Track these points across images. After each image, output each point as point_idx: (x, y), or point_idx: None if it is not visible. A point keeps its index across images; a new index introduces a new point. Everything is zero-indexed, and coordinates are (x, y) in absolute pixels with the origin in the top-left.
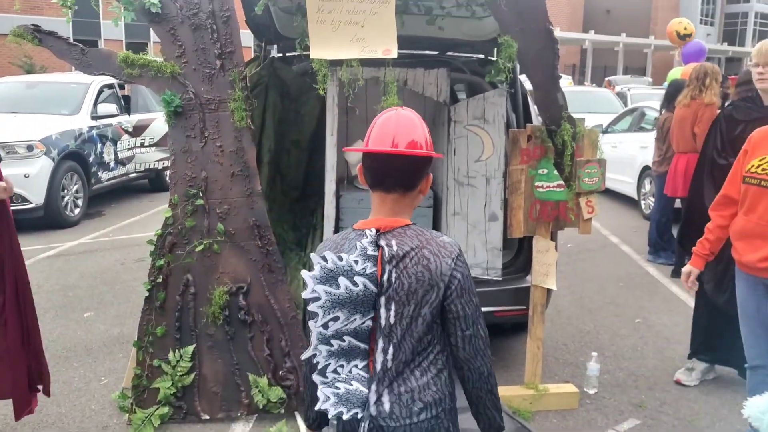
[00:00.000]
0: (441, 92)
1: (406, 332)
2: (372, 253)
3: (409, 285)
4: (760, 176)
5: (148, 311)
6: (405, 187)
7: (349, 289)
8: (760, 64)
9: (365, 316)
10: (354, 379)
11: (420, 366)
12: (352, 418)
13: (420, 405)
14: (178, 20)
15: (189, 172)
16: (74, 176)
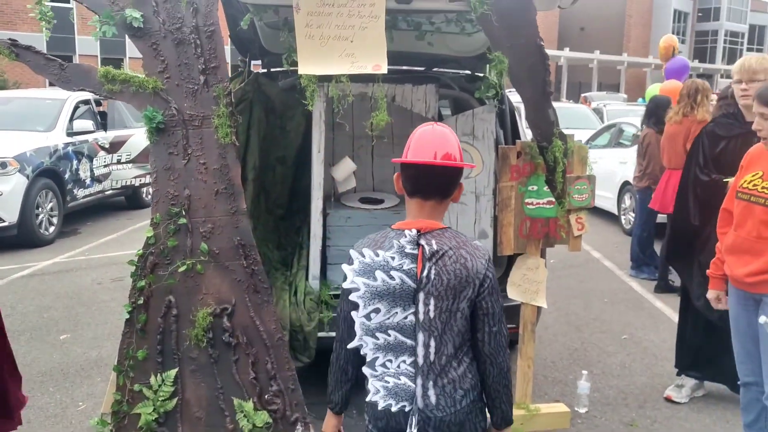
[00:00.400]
0: (429, 108)
1: (446, 326)
2: (410, 251)
3: (448, 281)
4: (750, 192)
5: (128, 334)
6: (442, 195)
7: (386, 282)
8: (743, 81)
9: (406, 311)
10: (402, 374)
11: (457, 357)
12: (399, 410)
13: (461, 393)
14: (161, 35)
15: (171, 190)
16: (49, 194)
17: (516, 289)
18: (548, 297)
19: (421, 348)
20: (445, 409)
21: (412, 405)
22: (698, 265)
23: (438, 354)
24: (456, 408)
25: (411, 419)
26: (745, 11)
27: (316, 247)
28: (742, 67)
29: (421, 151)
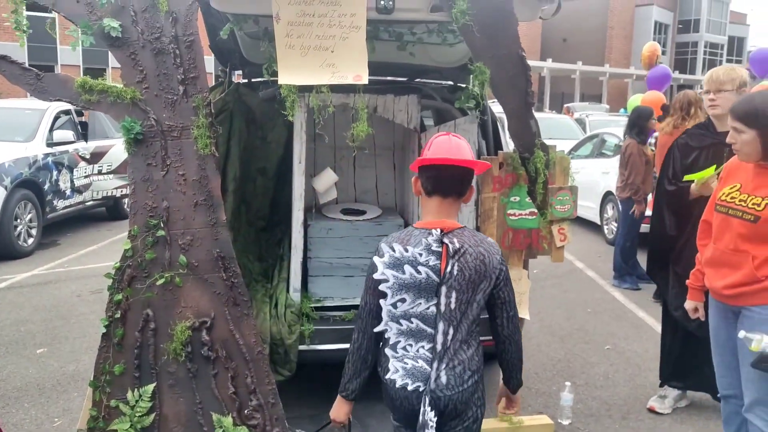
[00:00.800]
0: (411, 119)
1: (463, 315)
2: (436, 249)
3: (469, 275)
4: (728, 204)
5: (105, 348)
6: (458, 193)
7: (413, 276)
8: (711, 91)
9: (429, 302)
10: (420, 358)
11: (468, 342)
12: (414, 390)
13: (469, 373)
14: (140, 45)
15: (150, 202)
16: (28, 205)
17: None
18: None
19: (440, 336)
20: (453, 389)
21: (426, 386)
22: (674, 276)
23: (454, 340)
24: (463, 387)
25: (424, 398)
26: (724, 23)
27: (297, 259)
28: (710, 78)
29: (441, 154)
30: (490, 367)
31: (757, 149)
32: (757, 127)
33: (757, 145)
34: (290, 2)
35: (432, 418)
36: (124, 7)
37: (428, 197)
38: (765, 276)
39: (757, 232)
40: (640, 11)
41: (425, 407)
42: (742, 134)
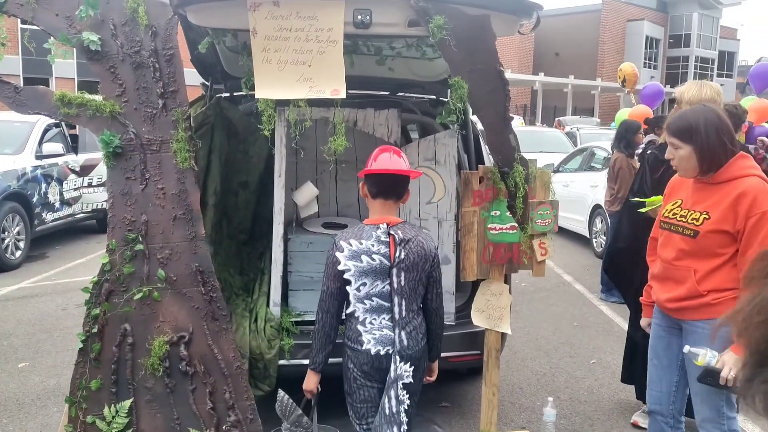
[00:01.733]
0: (392, 133)
1: (412, 291)
2: (384, 239)
3: (414, 259)
4: (670, 221)
5: (82, 364)
6: (398, 196)
7: (369, 263)
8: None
9: (384, 282)
10: (384, 328)
11: (416, 312)
12: (385, 353)
13: (421, 335)
14: (119, 58)
15: (128, 216)
16: (16, 217)
17: (480, 315)
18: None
19: (396, 308)
20: (412, 348)
21: (393, 347)
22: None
23: (407, 311)
24: (419, 346)
25: (394, 357)
26: (714, 38)
27: (277, 273)
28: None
29: (382, 165)
30: (464, 383)
31: (694, 164)
32: (692, 142)
33: (693, 160)
34: (267, 17)
35: (407, 369)
36: (103, 21)
37: (373, 199)
38: (706, 291)
39: (697, 247)
40: (631, 26)
41: (396, 363)
42: (678, 150)
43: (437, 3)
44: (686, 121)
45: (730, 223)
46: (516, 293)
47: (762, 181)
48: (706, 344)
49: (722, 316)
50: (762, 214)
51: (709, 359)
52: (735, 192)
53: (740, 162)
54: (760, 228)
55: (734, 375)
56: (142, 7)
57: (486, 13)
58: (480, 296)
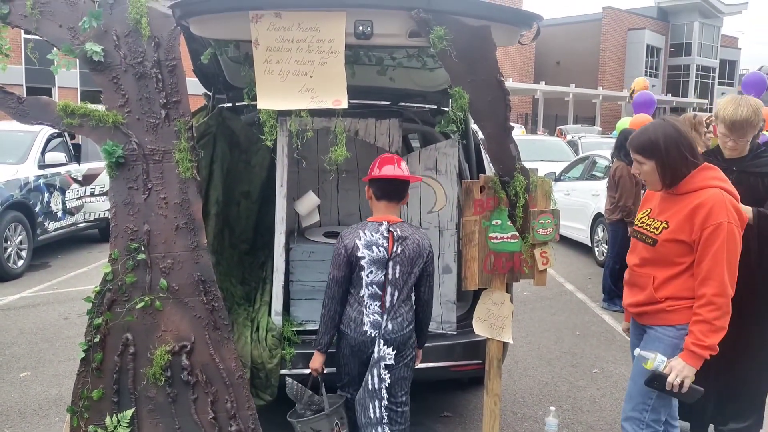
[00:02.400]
0: (393, 142)
1: (404, 283)
2: (386, 235)
3: (409, 254)
4: (638, 229)
5: (84, 373)
6: (399, 198)
7: (377, 254)
8: (730, 138)
9: (381, 272)
10: (375, 313)
11: (405, 302)
12: (372, 334)
13: (407, 323)
14: (122, 69)
15: (131, 225)
16: (19, 227)
17: (481, 325)
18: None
19: (388, 296)
20: (396, 333)
21: (378, 331)
22: None
23: (397, 300)
24: (403, 332)
25: (378, 340)
26: (715, 47)
27: (279, 282)
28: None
29: (389, 172)
30: (465, 392)
31: (657, 179)
32: (654, 157)
33: (656, 174)
34: (269, 28)
35: (389, 352)
36: (106, 32)
37: (378, 201)
38: (663, 297)
39: (657, 255)
40: (632, 35)
41: (380, 346)
42: (643, 166)
43: (438, 14)
44: (647, 137)
45: (686, 233)
46: (517, 302)
47: (721, 193)
48: (658, 349)
49: None
50: (716, 225)
51: (657, 364)
52: (693, 203)
53: (703, 173)
54: (714, 239)
55: (680, 381)
56: (145, 19)
57: (486, 24)
58: (481, 305)
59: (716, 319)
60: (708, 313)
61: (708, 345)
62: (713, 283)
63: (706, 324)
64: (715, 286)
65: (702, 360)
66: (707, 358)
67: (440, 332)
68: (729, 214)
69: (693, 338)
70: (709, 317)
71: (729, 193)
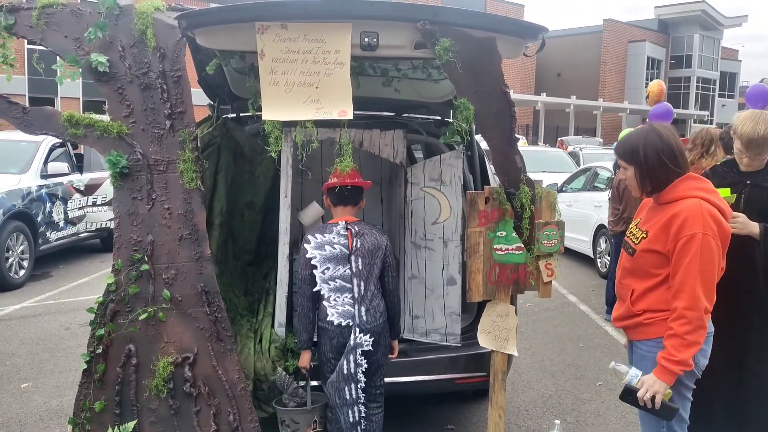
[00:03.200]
0: (397, 154)
1: (369, 273)
2: (343, 233)
3: (368, 248)
4: (628, 240)
5: (86, 384)
6: (355, 203)
7: (332, 251)
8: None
9: (345, 267)
10: (346, 304)
11: (376, 294)
12: (346, 325)
13: (379, 314)
14: (127, 79)
15: (134, 236)
16: (20, 236)
17: (486, 337)
18: (523, 342)
19: (356, 288)
20: (371, 323)
21: (353, 320)
22: None
23: (365, 291)
24: (377, 322)
25: (354, 329)
26: (716, 59)
27: (282, 293)
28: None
29: (341, 179)
30: (469, 405)
31: (637, 184)
32: (634, 163)
33: (635, 180)
34: (275, 39)
35: (366, 339)
36: (111, 43)
37: (335, 207)
38: (640, 310)
39: (635, 265)
40: (632, 47)
41: (356, 334)
42: (626, 171)
43: (444, 26)
44: (629, 143)
45: (661, 244)
46: (520, 314)
47: (700, 203)
48: (639, 365)
49: None
50: (690, 236)
51: (630, 378)
52: (670, 213)
53: (686, 183)
54: (687, 251)
55: (650, 396)
56: (151, 30)
57: (492, 36)
58: (486, 317)
59: (687, 333)
60: (679, 327)
61: (679, 360)
62: (684, 296)
63: (677, 338)
64: (686, 299)
65: (674, 376)
66: (680, 374)
67: (444, 344)
68: (705, 225)
69: (665, 353)
70: (680, 331)
71: (713, 205)
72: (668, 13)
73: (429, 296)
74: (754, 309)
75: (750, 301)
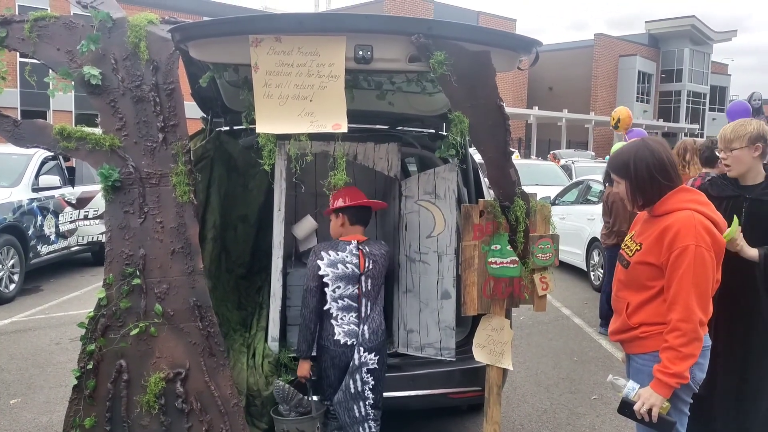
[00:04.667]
0: (392, 167)
1: (376, 295)
2: (355, 253)
3: (380, 269)
4: (623, 252)
5: (76, 401)
6: (365, 223)
7: (344, 271)
8: (722, 150)
9: (354, 287)
10: (351, 323)
11: (379, 312)
12: (352, 344)
13: (380, 331)
14: (120, 92)
15: (126, 250)
16: (11, 250)
17: (481, 351)
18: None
19: (363, 308)
20: (373, 341)
21: (357, 340)
22: None
23: (371, 311)
24: (378, 340)
25: (358, 348)
26: (706, 73)
27: (276, 307)
28: (720, 136)
29: (358, 197)
30: (464, 420)
31: (630, 198)
32: (626, 177)
33: (628, 194)
34: (269, 52)
35: (371, 358)
36: (104, 55)
37: (351, 226)
38: (636, 324)
39: (629, 278)
40: (623, 61)
41: (360, 353)
42: (619, 185)
43: (438, 39)
44: (621, 157)
45: (655, 256)
46: (515, 327)
47: (692, 215)
48: (637, 378)
49: None
50: (683, 248)
51: (627, 391)
52: (662, 225)
53: (678, 195)
54: (680, 263)
55: (646, 409)
56: (144, 42)
57: (486, 49)
58: (481, 331)
59: (682, 345)
60: (674, 339)
61: (674, 372)
62: (678, 308)
63: (672, 351)
64: (680, 311)
65: (670, 389)
66: (676, 387)
67: (439, 359)
68: (698, 237)
69: (660, 365)
70: (675, 344)
71: (706, 216)
72: (659, 27)
73: (423, 310)
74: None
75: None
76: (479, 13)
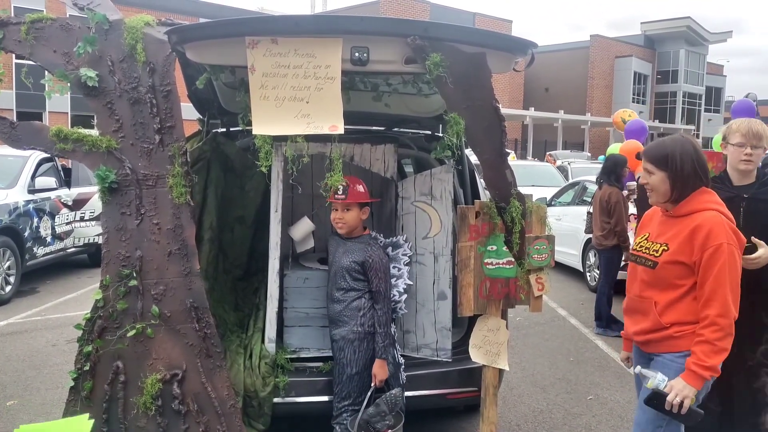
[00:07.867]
0: (388, 168)
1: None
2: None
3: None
4: (637, 253)
5: (72, 402)
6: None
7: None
8: (748, 146)
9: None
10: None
11: None
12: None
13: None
14: (116, 94)
15: (123, 251)
16: (7, 252)
17: (477, 352)
18: (514, 356)
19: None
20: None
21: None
22: None
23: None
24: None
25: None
26: (701, 74)
27: (273, 308)
28: (750, 132)
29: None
30: (460, 421)
31: (666, 190)
32: (667, 169)
33: (666, 185)
34: (265, 54)
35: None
36: (101, 57)
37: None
38: (669, 323)
39: (656, 278)
40: (619, 62)
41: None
42: (652, 175)
43: (434, 41)
44: (663, 148)
45: (687, 255)
46: (511, 328)
47: (719, 215)
48: (670, 375)
49: None
50: (717, 246)
51: (657, 382)
52: (692, 225)
53: (702, 196)
54: (715, 261)
55: (679, 401)
56: (141, 44)
57: (482, 51)
58: (477, 332)
59: (719, 339)
60: (711, 333)
61: (709, 365)
62: (716, 305)
63: (708, 344)
64: (718, 307)
65: (702, 381)
66: (708, 379)
67: (435, 359)
68: (728, 236)
69: (695, 358)
70: (712, 338)
71: (726, 216)
72: (654, 29)
73: (420, 311)
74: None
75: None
76: (475, 14)
